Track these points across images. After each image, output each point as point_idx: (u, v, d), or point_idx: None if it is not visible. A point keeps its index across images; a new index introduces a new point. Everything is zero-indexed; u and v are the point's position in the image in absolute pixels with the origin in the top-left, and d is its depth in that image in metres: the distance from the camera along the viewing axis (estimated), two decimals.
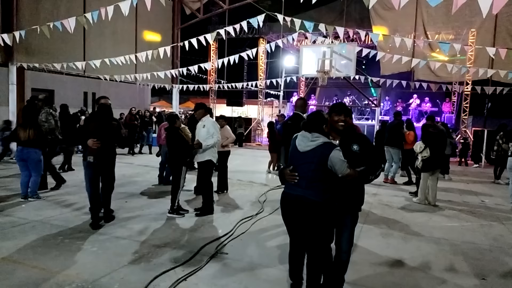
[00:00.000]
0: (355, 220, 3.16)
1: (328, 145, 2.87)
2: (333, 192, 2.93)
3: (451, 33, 15.74)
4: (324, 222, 2.90)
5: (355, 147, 2.93)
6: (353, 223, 3.16)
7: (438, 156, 6.89)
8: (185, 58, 20.13)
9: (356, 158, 2.91)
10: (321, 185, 2.87)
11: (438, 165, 6.98)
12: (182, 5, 18.57)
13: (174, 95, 19.15)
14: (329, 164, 2.82)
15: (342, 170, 2.80)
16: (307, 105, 5.02)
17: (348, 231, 3.14)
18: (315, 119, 2.96)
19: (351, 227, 3.15)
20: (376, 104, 16.27)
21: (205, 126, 5.67)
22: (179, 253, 4.11)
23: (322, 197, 2.86)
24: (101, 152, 4.91)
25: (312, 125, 2.96)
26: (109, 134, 4.99)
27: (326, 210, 2.87)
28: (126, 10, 7.86)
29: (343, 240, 3.15)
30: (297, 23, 9.94)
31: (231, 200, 6.80)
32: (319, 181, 2.86)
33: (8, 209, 5.61)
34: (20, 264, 3.70)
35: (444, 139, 7.36)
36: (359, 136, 3.05)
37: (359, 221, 3.30)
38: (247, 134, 18.54)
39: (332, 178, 2.87)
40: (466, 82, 15.15)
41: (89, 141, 4.83)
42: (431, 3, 5.08)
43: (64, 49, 13.13)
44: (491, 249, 4.66)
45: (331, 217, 2.95)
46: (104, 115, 5.02)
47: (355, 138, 3.01)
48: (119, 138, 5.20)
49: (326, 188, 2.88)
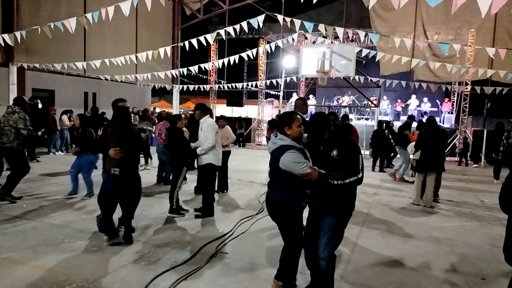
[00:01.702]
0: (335, 225, 2.96)
1: (282, 148, 2.93)
2: (296, 191, 2.95)
3: (450, 33, 15.75)
4: (285, 220, 3.06)
5: (334, 152, 2.90)
6: (332, 227, 2.96)
7: (430, 157, 6.75)
8: (185, 58, 20.15)
9: (333, 163, 2.89)
10: (280, 184, 3.01)
11: (431, 166, 6.78)
12: (182, 6, 18.59)
13: (175, 95, 19.17)
14: (281, 166, 2.91)
15: (298, 171, 2.83)
16: (306, 105, 5.01)
17: (325, 236, 2.97)
18: (278, 121, 3.11)
19: (329, 231, 2.96)
20: (376, 104, 16.27)
21: (202, 129, 5.60)
22: (179, 253, 4.11)
23: (280, 195, 3.01)
24: (126, 162, 4.30)
25: (277, 126, 3.11)
26: (132, 140, 4.42)
27: (284, 208, 3.02)
28: (126, 11, 7.86)
29: (319, 245, 3.01)
30: (297, 23, 9.95)
31: (231, 200, 6.81)
32: (278, 180, 3.03)
33: (8, 209, 5.61)
34: (20, 264, 3.71)
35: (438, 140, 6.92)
36: (343, 142, 2.95)
37: (358, 221, 3.30)
38: (247, 134, 18.54)
39: (294, 178, 2.90)
40: (465, 82, 15.15)
41: (110, 151, 4.20)
42: (431, 3, 5.08)
43: (65, 49, 13.13)
44: (491, 249, 4.67)
45: (293, 216, 3.03)
46: (125, 120, 4.47)
47: (338, 143, 2.95)
48: (142, 144, 4.95)
49: (286, 186, 2.97)
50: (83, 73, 14.03)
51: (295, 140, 3.00)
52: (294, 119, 2.99)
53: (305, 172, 2.80)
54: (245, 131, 18.25)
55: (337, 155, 2.89)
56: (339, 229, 3.02)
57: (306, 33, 14.22)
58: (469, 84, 15.08)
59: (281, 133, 3.02)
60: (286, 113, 3.18)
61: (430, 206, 6.71)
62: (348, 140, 2.98)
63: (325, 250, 2.97)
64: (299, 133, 3.01)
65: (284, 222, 3.07)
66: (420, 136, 7.14)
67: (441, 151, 6.93)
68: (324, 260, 2.97)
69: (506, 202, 2.34)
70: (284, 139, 2.97)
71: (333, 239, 2.99)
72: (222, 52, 20.56)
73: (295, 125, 2.98)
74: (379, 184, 8.77)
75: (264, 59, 21.54)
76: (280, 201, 3.02)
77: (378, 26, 16.18)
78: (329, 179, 2.81)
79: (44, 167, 9.21)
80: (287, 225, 3.08)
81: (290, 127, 2.98)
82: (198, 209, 5.74)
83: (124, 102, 4.81)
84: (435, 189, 7.00)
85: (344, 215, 3.03)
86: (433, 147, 6.73)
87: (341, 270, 3.86)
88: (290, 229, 3.08)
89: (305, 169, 2.81)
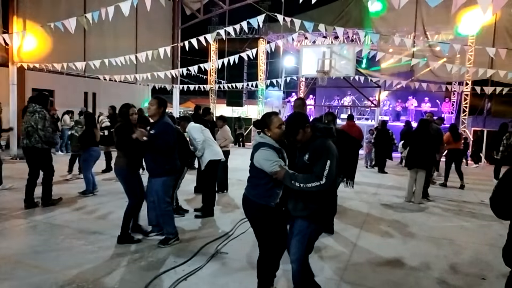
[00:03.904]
0: (305, 229, 2.82)
1: (258, 145, 2.95)
2: (267, 189, 2.92)
3: (451, 33, 15.75)
4: (255, 218, 3.04)
5: (306, 156, 2.79)
6: (303, 231, 2.83)
7: (417, 155, 6.95)
8: (185, 58, 20.14)
9: (305, 168, 2.79)
10: (254, 181, 3.01)
11: (417, 163, 6.97)
12: (182, 6, 18.58)
13: (175, 95, 19.15)
14: (254, 163, 2.93)
15: (269, 168, 2.83)
16: (305, 105, 5.01)
17: (295, 238, 2.86)
18: (259, 123, 3.06)
19: (298, 234, 2.84)
20: (376, 104, 16.28)
21: (189, 134, 5.62)
22: (179, 253, 4.11)
23: (252, 192, 3.02)
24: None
25: (258, 128, 3.07)
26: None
27: (254, 206, 2.99)
28: (126, 11, 7.86)
29: (290, 248, 2.91)
30: (297, 23, 9.95)
31: (231, 200, 6.81)
32: (252, 177, 3.04)
33: (8, 209, 5.61)
34: (20, 264, 3.71)
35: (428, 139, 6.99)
36: (313, 145, 2.80)
37: (359, 222, 3.29)
38: (247, 134, 18.55)
39: (267, 176, 2.89)
40: (465, 82, 15.15)
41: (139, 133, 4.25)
42: (431, 3, 5.09)
43: (64, 49, 13.12)
44: (491, 249, 4.67)
45: (262, 216, 2.98)
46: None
47: (311, 147, 2.80)
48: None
49: (258, 184, 2.96)
50: (83, 73, 14.02)
51: (278, 141, 2.96)
52: (272, 121, 2.95)
53: (274, 170, 2.80)
54: (245, 131, 18.26)
55: (308, 160, 2.78)
56: (311, 234, 2.85)
57: (306, 33, 14.22)
58: (469, 84, 15.07)
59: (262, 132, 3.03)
60: (264, 115, 3.09)
61: (418, 202, 6.90)
62: (320, 144, 2.76)
63: (295, 253, 2.86)
64: (279, 134, 2.94)
65: (254, 221, 3.06)
66: (410, 134, 7.39)
67: (429, 150, 7.02)
68: (294, 263, 2.87)
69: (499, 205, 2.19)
70: (264, 137, 2.97)
71: (303, 243, 2.83)
72: (222, 52, 20.57)
73: (274, 126, 2.93)
74: (379, 184, 8.78)
75: (264, 59, 21.54)
76: (251, 198, 3.00)
77: (378, 26, 16.18)
78: (292, 180, 2.73)
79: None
80: (257, 225, 3.05)
81: (269, 129, 2.95)
82: (198, 209, 5.74)
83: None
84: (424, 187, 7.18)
85: (317, 221, 2.84)
86: (421, 146, 6.94)
87: (341, 270, 3.86)
88: (260, 230, 3.04)
89: (274, 167, 2.79)
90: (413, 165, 7.04)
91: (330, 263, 4.03)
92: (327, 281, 3.58)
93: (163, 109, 4.32)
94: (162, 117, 4.29)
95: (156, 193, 4.32)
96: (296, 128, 2.80)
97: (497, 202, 2.18)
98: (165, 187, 4.31)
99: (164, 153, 4.21)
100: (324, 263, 4.02)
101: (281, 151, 2.95)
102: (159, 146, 4.15)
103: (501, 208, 2.18)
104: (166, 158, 4.25)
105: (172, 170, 4.38)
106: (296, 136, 2.81)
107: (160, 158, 4.21)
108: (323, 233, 4.93)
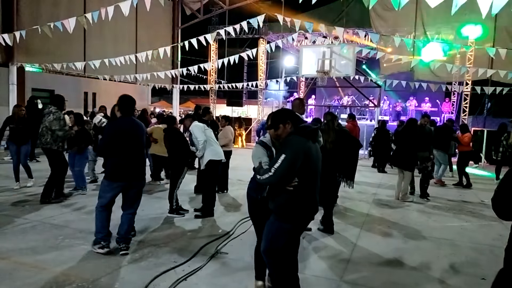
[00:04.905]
0: (271, 224, 2.81)
1: (257, 142, 3.14)
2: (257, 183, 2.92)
3: (451, 33, 15.73)
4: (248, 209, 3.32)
5: (274, 151, 2.96)
6: (269, 224, 2.83)
7: (400, 154, 7.10)
8: (185, 58, 20.14)
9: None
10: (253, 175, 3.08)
11: (401, 164, 7.08)
12: (182, 6, 18.59)
13: (175, 95, 19.16)
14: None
15: (254, 163, 2.95)
16: (304, 105, 5.00)
17: (265, 229, 2.87)
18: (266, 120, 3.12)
19: (267, 226, 2.85)
20: (376, 104, 16.27)
21: (192, 133, 5.65)
22: (179, 253, 4.11)
23: (249, 185, 3.27)
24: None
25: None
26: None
27: (248, 198, 3.29)
28: (126, 11, 7.87)
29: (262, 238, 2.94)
30: (297, 23, 9.95)
31: (231, 200, 6.80)
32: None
33: (8, 209, 5.61)
34: (20, 264, 3.70)
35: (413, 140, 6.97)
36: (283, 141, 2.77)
37: (358, 222, 3.29)
38: (247, 134, 18.54)
39: None
40: (465, 82, 15.14)
41: None
42: (431, 3, 5.09)
43: (64, 49, 13.13)
44: (491, 249, 4.67)
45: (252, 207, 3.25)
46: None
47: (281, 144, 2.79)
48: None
49: (253, 178, 3.12)
50: (83, 73, 14.03)
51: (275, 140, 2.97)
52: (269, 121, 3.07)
53: (255, 166, 2.90)
54: (245, 131, 18.25)
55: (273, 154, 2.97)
56: (277, 229, 2.76)
57: (306, 33, 14.22)
58: (469, 84, 15.06)
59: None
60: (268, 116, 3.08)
61: (402, 199, 7.06)
62: (287, 140, 2.72)
63: (262, 246, 2.87)
64: (271, 133, 2.94)
65: (249, 211, 3.34)
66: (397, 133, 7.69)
67: (412, 150, 7.02)
68: (263, 254, 2.84)
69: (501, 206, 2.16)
70: (266, 136, 3.11)
71: (268, 235, 2.81)
72: (222, 52, 20.55)
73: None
74: (379, 184, 8.77)
75: (264, 59, 21.52)
76: (247, 191, 3.29)
77: (378, 26, 16.17)
78: (256, 171, 2.81)
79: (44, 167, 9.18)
80: (250, 215, 3.33)
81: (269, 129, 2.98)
82: (198, 209, 5.74)
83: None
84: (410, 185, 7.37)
85: (283, 219, 2.74)
86: (406, 146, 7.03)
87: (341, 270, 3.86)
88: (253, 221, 3.31)
89: (256, 163, 2.90)
90: (396, 164, 7.29)
91: (330, 263, 4.03)
92: (327, 281, 3.58)
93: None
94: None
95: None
96: (277, 122, 2.83)
97: (499, 203, 2.18)
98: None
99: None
100: (324, 263, 4.02)
101: (270, 149, 3.02)
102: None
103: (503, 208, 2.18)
104: None
105: None
106: (276, 131, 2.83)
107: None
108: (323, 233, 4.96)
